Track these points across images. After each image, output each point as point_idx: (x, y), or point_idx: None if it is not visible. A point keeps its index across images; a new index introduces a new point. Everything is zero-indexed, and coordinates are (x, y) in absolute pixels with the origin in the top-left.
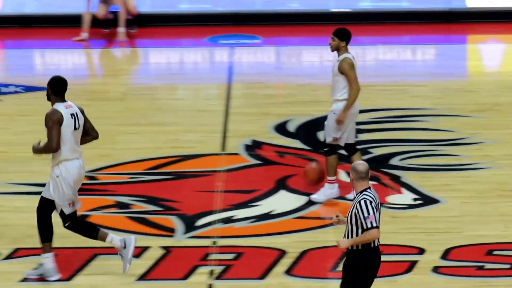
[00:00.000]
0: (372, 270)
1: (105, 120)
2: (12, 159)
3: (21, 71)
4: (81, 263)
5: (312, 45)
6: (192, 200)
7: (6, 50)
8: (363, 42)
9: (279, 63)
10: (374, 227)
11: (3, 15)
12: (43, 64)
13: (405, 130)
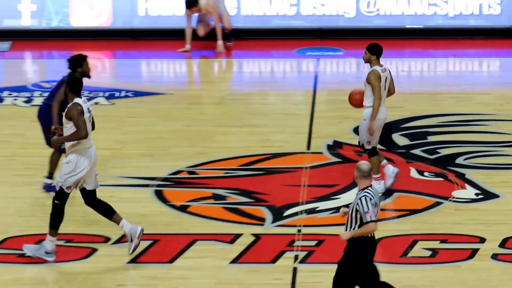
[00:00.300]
0: (370, 259)
1: (204, 122)
2: (123, 155)
3: (130, 78)
4: (181, 247)
5: (389, 57)
6: (280, 193)
7: (117, 60)
8: (435, 55)
9: (359, 72)
10: (373, 221)
11: (116, 29)
12: (150, 72)
13: (469, 133)
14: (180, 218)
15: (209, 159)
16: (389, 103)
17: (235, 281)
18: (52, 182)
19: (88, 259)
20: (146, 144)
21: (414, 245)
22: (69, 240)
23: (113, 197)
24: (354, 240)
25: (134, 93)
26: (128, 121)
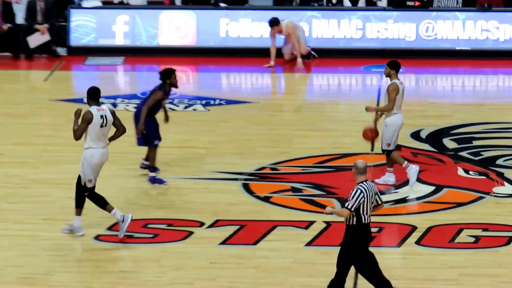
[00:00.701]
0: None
1: (285, 126)
2: (216, 153)
3: (223, 89)
4: (264, 232)
5: (444, 74)
6: (348, 187)
7: (213, 74)
8: (486, 73)
9: (417, 86)
10: (348, 208)
11: (203, 47)
12: (240, 84)
13: (508, 138)
14: (263, 207)
15: (288, 157)
16: (441, 113)
17: (309, 261)
18: (156, 175)
19: (186, 240)
20: (235, 144)
21: (460, 233)
22: (170, 224)
23: (207, 189)
24: (352, 230)
25: (226, 101)
26: (221, 125)
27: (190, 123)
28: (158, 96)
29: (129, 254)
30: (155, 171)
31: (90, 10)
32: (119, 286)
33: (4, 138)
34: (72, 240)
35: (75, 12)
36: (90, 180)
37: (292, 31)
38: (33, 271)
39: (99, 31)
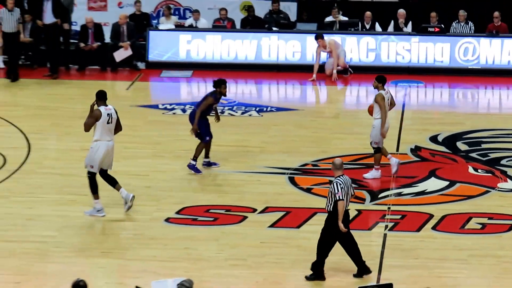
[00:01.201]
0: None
1: (324, 130)
2: (268, 151)
3: (275, 98)
4: (306, 217)
5: (458, 88)
6: (376, 181)
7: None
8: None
9: (435, 98)
10: (341, 199)
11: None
12: (289, 94)
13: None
14: (305, 197)
15: (327, 156)
16: (455, 120)
17: None
18: (194, 164)
19: (241, 223)
20: (283, 145)
21: (469, 221)
22: (228, 210)
23: (259, 181)
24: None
25: (276, 108)
26: (272, 128)
27: (246, 126)
28: (210, 101)
29: (193, 234)
30: (196, 160)
31: (165, 31)
32: (185, 260)
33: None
34: (147, 222)
35: (153, 33)
36: (92, 166)
37: (333, 47)
38: (113, 246)
39: (172, 49)
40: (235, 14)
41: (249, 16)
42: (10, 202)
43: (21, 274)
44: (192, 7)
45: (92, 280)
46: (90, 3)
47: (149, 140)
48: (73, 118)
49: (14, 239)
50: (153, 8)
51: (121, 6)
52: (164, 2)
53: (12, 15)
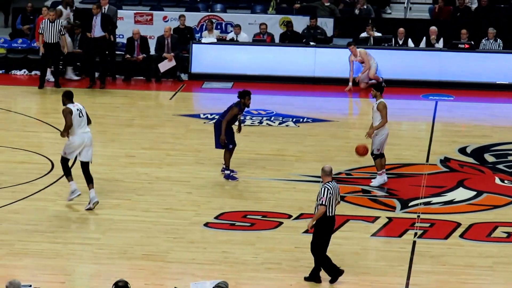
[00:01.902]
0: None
1: (358, 141)
2: (303, 160)
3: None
4: (339, 223)
5: (486, 102)
6: (407, 190)
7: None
8: None
9: (464, 112)
10: (323, 204)
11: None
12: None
13: None
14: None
15: (360, 165)
16: (483, 133)
17: (373, 248)
18: (229, 172)
19: (276, 229)
20: (318, 154)
21: (495, 229)
22: (264, 215)
23: (295, 188)
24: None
25: (312, 119)
26: (307, 138)
27: (283, 136)
28: (234, 111)
29: (230, 238)
30: (229, 169)
31: (207, 45)
32: (222, 263)
33: (137, 144)
34: (187, 226)
35: (195, 46)
36: (65, 152)
37: (364, 57)
38: (154, 249)
39: (214, 62)
40: (275, 29)
41: (288, 31)
42: (57, 205)
43: (65, 274)
44: (234, 22)
45: (133, 281)
46: (137, 17)
47: (191, 148)
48: (119, 126)
49: (60, 241)
50: (196, 23)
51: (166, 20)
52: (207, 17)
53: (53, 26)
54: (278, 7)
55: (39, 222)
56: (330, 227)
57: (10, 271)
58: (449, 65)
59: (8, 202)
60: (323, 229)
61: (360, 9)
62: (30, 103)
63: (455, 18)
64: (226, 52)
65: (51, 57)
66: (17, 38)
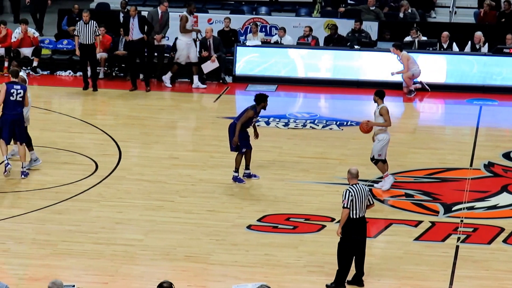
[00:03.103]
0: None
1: (401, 144)
2: (346, 164)
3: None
4: (382, 227)
5: None
6: (450, 195)
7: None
8: None
9: (508, 116)
10: (345, 207)
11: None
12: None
13: None
14: (382, 208)
15: (403, 169)
16: None
17: (416, 252)
18: (238, 175)
19: (319, 232)
20: (361, 157)
21: None
22: (307, 218)
23: (338, 191)
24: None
25: (356, 123)
26: (351, 142)
27: (326, 139)
28: (250, 114)
29: (273, 241)
30: (238, 172)
31: (252, 47)
32: (265, 266)
33: (180, 146)
34: (229, 228)
35: (240, 48)
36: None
37: (405, 59)
38: (196, 251)
39: (258, 64)
40: (319, 32)
41: (333, 34)
42: (101, 206)
43: (108, 275)
44: (278, 24)
45: (175, 282)
46: None
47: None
48: (162, 127)
49: (103, 242)
50: (241, 25)
51: (211, 23)
52: (252, 20)
53: (88, 28)
54: (323, 10)
55: (82, 222)
56: (356, 229)
57: (54, 271)
58: (493, 70)
59: (52, 203)
60: (347, 232)
61: (405, 13)
62: (74, 104)
63: (500, 23)
64: (271, 55)
65: (88, 58)
66: (62, 39)
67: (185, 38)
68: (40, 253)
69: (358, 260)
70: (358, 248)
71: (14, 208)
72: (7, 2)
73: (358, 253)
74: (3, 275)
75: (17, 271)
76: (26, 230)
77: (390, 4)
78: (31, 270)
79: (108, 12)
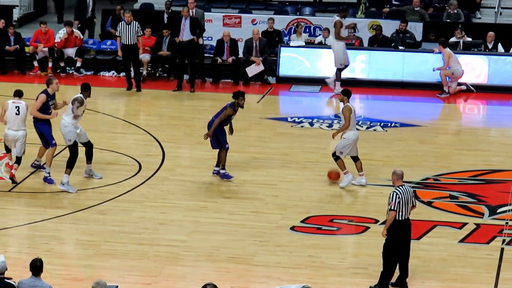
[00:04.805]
0: (400, 237)
1: (446, 146)
2: (390, 165)
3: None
4: (426, 229)
5: None
6: (495, 196)
7: (391, 102)
8: None
9: None
10: (392, 209)
11: (393, 81)
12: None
13: None
14: (426, 210)
15: (448, 171)
16: None
17: (461, 254)
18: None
19: (363, 233)
20: (406, 159)
21: None
22: (350, 220)
23: (382, 193)
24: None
25: (400, 124)
26: (395, 143)
27: (370, 140)
28: (228, 112)
29: (317, 242)
30: (224, 168)
31: (295, 48)
32: (308, 267)
33: None
34: (273, 229)
35: (284, 49)
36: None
37: (447, 56)
38: (240, 252)
39: (302, 65)
40: (364, 32)
41: (377, 35)
42: (144, 207)
43: (151, 276)
44: (322, 25)
45: (218, 284)
46: (225, 20)
47: (278, 151)
48: (206, 128)
49: (147, 242)
50: (285, 26)
51: (255, 23)
52: (296, 20)
53: (130, 28)
54: (367, 11)
55: (126, 223)
56: (402, 231)
57: (97, 271)
58: None
59: (95, 203)
60: (394, 234)
61: (450, 13)
62: (118, 105)
63: None
64: (314, 56)
65: (130, 58)
66: (106, 40)
67: (340, 42)
68: (84, 254)
69: (402, 262)
70: (403, 250)
71: (59, 209)
72: (50, 3)
73: (403, 254)
74: (47, 275)
75: (61, 271)
76: (69, 231)
77: (435, 4)
78: (74, 270)
79: (152, 13)
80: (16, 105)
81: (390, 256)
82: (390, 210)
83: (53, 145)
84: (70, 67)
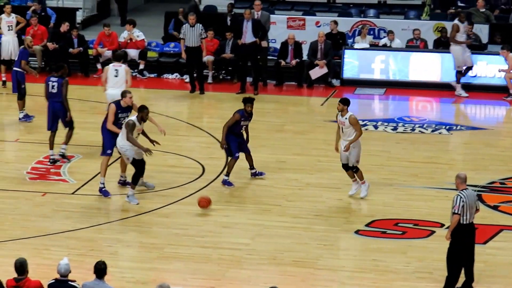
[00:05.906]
0: (463, 241)
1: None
2: (456, 169)
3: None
4: (492, 233)
5: None
6: None
7: (456, 104)
8: None
9: None
10: (456, 213)
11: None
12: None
13: None
14: (492, 214)
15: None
16: None
17: None
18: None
19: (428, 237)
20: (472, 162)
21: None
22: (416, 224)
23: (447, 197)
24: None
25: (466, 127)
26: (461, 146)
27: (435, 144)
28: (236, 117)
29: (381, 246)
30: (228, 176)
31: (360, 50)
32: (373, 271)
33: (287, 149)
34: (337, 233)
35: (348, 51)
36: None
37: (511, 59)
38: (304, 256)
39: (366, 67)
40: (429, 34)
41: (442, 37)
42: (207, 210)
43: (215, 279)
44: (387, 27)
45: (282, 287)
46: (289, 22)
47: None
48: (269, 131)
49: (210, 245)
50: (349, 28)
51: (319, 25)
52: (360, 22)
53: (194, 30)
54: (432, 12)
55: (189, 226)
56: (466, 235)
57: (161, 274)
58: None
59: (159, 206)
60: (457, 237)
61: None
62: (181, 107)
63: None
64: (379, 58)
65: (193, 61)
66: (169, 42)
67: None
68: (147, 256)
69: (467, 266)
70: (467, 254)
71: (123, 211)
72: (114, 5)
73: (467, 258)
74: (111, 278)
75: (125, 274)
76: (133, 233)
77: (501, 6)
78: (138, 273)
79: (215, 15)
80: (116, 68)
81: (454, 260)
82: (454, 214)
83: (108, 154)
84: (133, 70)
